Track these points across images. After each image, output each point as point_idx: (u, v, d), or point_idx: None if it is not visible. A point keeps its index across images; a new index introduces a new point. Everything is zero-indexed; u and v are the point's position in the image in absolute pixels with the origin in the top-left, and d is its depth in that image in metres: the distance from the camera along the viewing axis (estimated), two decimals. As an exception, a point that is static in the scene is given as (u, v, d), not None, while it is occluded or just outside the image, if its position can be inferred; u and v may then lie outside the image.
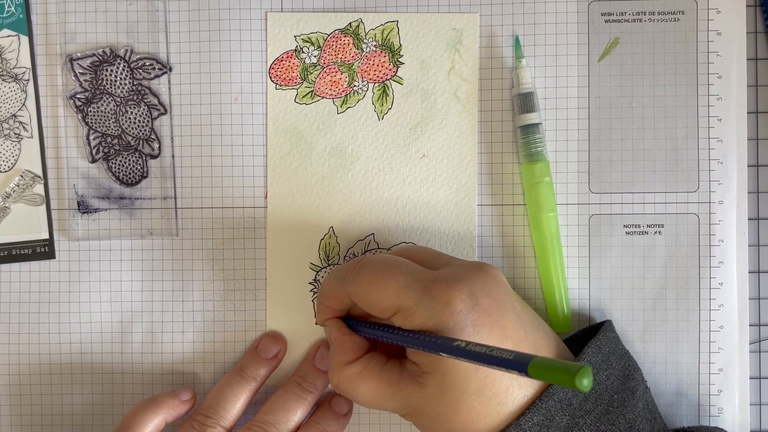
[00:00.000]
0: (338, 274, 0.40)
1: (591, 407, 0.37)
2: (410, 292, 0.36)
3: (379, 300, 0.37)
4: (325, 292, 0.41)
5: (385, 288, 0.37)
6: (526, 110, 0.44)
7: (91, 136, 0.45)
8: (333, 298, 0.40)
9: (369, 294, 0.38)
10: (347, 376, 0.39)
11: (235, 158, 0.45)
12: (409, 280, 0.37)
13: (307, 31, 0.45)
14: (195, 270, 0.46)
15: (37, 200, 0.46)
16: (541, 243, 0.44)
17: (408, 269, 0.38)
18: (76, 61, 0.45)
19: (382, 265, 0.38)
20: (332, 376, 0.40)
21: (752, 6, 0.45)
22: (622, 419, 0.37)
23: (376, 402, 0.39)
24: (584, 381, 0.28)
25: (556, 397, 0.36)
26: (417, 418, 0.38)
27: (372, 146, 0.45)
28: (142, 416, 0.42)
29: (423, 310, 0.36)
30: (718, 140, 0.45)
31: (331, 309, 0.41)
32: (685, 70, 0.45)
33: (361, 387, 0.39)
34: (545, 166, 0.44)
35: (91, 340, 0.46)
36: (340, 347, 0.40)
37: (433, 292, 0.36)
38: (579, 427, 0.36)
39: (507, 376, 0.36)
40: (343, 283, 0.39)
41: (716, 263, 0.44)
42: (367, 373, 0.39)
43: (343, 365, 0.39)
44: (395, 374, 0.38)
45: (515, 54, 0.45)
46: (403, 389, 0.38)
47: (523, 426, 0.36)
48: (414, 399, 0.37)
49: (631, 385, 0.39)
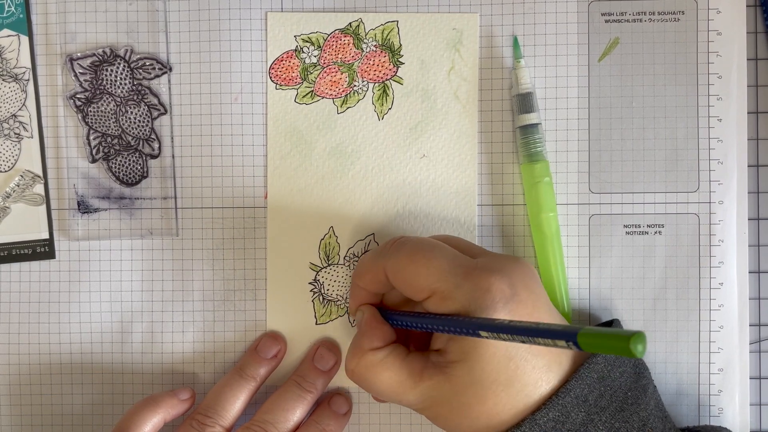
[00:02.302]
0: (374, 251, 0.40)
1: (606, 404, 0.37)
2: (450, 276, 0.36)
3: (417, 279, 0.37)
4: (360, 271, 0.41)
5: (426, 267, 0.37)
6: (525, 110, 0.44)
7: (91, 136, 0.45)
8: (368, 276, 0.40)
9: (407, 271, 0.37)
10: (368, 362, 0.38)
11: (235, 158, 0.45)
12: (450, 264, 0.37)
13: (307, 31, 0.45)
14: (195, 270, 0.46)
15: (37, 200, 0.46)
16: (542, 243, 0.44)
17: (449, 253, 0.38)
18: (76, 61, 0.45)
19: (424, 245, 0.38)
20: (350, 360, 0.39)
21: (752, 6, 0.45)
22: (636, 417, 0.37)
23: (393, 392, 0.38)
24: (639, 347, 0.27)
25: (573, 393, 0.36)
26: (436, 410, 0.38)
27: (372, 146, 0.45)
28: (141, 415, 0.42)
29: (462, 295, 0.36)
30: (718, 140, 0.45)
31: (364, 292, 0.41)
32: (685, 70, 0.45)
33: (381, 375, 0.38)
34: (545, 166, 0.44)
35: (91, 340, 0.46)
36: (370, 332, 0.39)
37: (474, 278, 0.36)
38: (594, 423, 0.36)
39: (537, 369, 0.36)
40: (380, 259, 0.39)
41: (716, 263, 0.44)
42: (390, 361, 0.38)
43: (366, 350, 0.39)
44: (418, 365, 0.38)
45: (514, 54, 0.45)
46: (426, 380, 0.37)
47: (539, 421, 0.36)
48: (437, 389, 0.37)
49: (642, 383, 0.39)
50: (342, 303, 0.45)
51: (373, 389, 0.39)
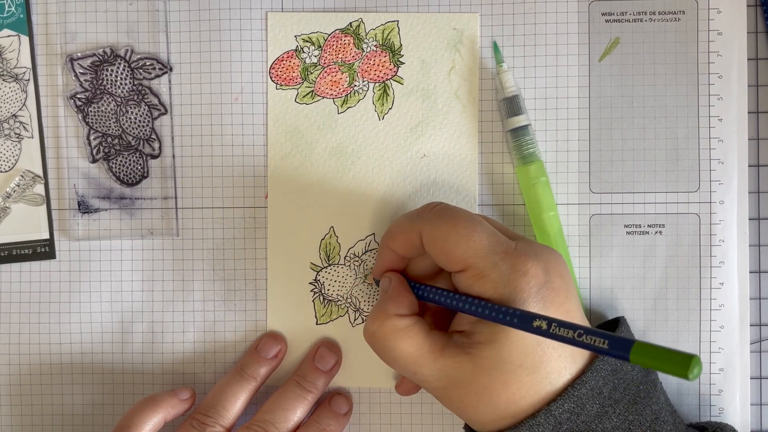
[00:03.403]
0: (410, 214, 0.39)
1: (620, 397, 0.37)
2: (489, 253, 0.36)
3: (456, 249, 0.36)
4: (392, 232, 0.40)
5: (467, 239, 0.36)
6: (513, 113, 0.44)
7: (91, 136, 0.45)
8: (400, 238, 0.39)
9: (446, 239, 0.36)
10: (391, 327, 0.37)
11: (235, 158, 0.45)
12: (490, 241, 0.36)
13: (308, 30, 0.45)
14: (195, 270, 0.46)
15: (38, 200, 0.46)
16: (546, 242, 0.43)
17: (490, 230, 0.37)
18: (77, 61, 0.45)
19: (467, 215, 0.37)
20: (373, 322, 0.38)
21: (753, 6, 0.45)
22: (648, 410, 0.37)
23: (411, 363, 0.37)
24: (695, 369, 0.27)
25: (588, 385, 0.36)
26: (451, 392, 0.37)
27: (372, 146, 0.45)
28: (141, 415, 0.42)
29: (498, 274, 0.35)
30: (718, 140, 0.45)
31: (393, 255, 0.40)
32: (685, 69, 0.45)
33: (402, 342, 0.37)
34: (540, 167, 0.44)
35: (91, 340, 0.46)
36: (398, 297, 0.38)
37: (513, 259, 0.36)
38: (608, 415, 0.36)
39: (563, 358, 0.36)
40: (416, 221, 0.38)
41: (717, 263, 0.44)
42: (413, 331, 0.37)
43: (392, 315, 0.38)
44: (440, 342, 0.37)
45: (495, 59, 0.45)
46: (447, 357, 0.36)
47: (554, 412, 0.35)
48: (458, 369, 0.36)
49: (652, 378, 0.39)
50: (342, 303, 0.45)
51: (390, 356, 0.38)
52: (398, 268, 0.41)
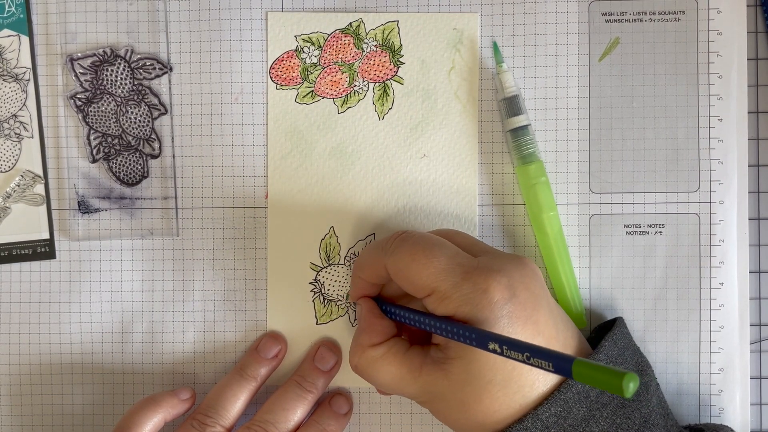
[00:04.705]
0: (377, 244, 0.40)
1: (607, 400, 0.37)
2: (449, 275, 0.36)
3: (417, 277, 0.37)
4: (361, 263, 0.41)
5: (426, 266, 0.37)
6: (513, 113, 0.44)
7: (91, 136, 0.45)
8: (369, 269, 0.40)
9: (408, 269, 0.37)
10: (369, 358, 0.39)
11: (235, 158, 0.45)
12: (450, 263, 0.37)
13: (308, 30, 0.45)
14: (195, 270, 0.46)
15: (38, 200, 0.46)
16: (546, 243, 0.44)
17: (450, 252, 0.38)
18: (77, 61, 0.45)
19: (425, 242, 0.38)
20: (353, 356, 0.40)
21: (753, 6, 0.45)
22: (637, 413, 0.37)
23: (395, 386, 0.39)
24: (630, 385, 0.28)
25: (575, 389, 0.36)
26: (435, 405, 0.38)
27: (372, 146, 0.45)
28: (141, 415, 0.42)
29: (460, 295, 0.36)
30: (718, 140, 0.45)
31: (365, 283, 0.41)
32: (685, 69, 0.45)
33: (381, 370, 0.39)
34: (540, 167, 0.44)
35: (91, 340, 0.46)
36: (369, 328, 0.40)
37: (473, 278, 0.36)
38: (595, 419, 0.36)
39: (534, 371, 0.36)
40: (381, 254, 0.39)
41: (717, 263, 0.44)
42: (390, 357, 0.39)
43: (366, 347, 0.39)
44: (418, 360, 0.38)
45: (495, 59, 0.45)
46: (425, 375, 0.37)
47: (541, 416, 0.36)
48: (435, 385, 0.37)
49: (644, 381, 0.39)
50: (342, 303, 0.45)
51: (375, 383, 0.39)
52: (372, 293, 0.42)
